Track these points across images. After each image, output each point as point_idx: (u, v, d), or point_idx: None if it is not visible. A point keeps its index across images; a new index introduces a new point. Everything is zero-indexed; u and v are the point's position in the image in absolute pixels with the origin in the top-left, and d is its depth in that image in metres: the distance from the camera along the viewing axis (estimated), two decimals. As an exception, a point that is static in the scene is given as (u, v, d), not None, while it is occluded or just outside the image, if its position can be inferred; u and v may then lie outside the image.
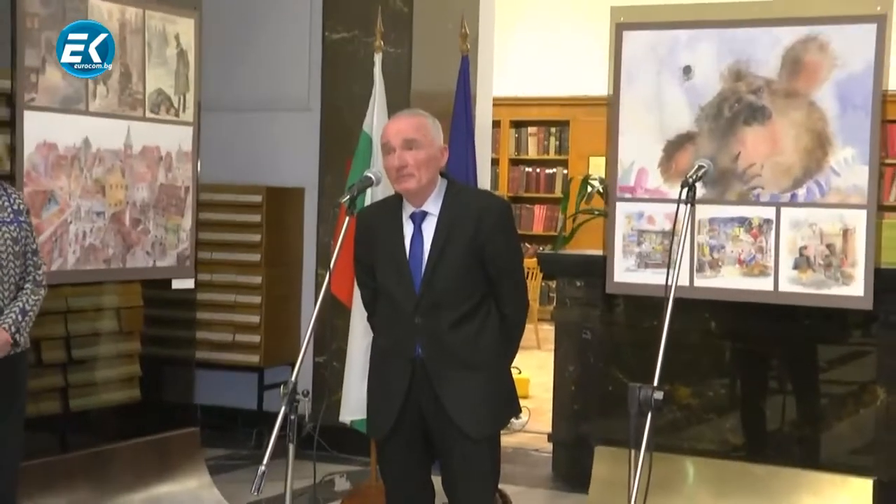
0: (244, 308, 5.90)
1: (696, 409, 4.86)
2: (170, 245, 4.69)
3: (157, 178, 4.62)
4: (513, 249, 3.22)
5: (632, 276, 4.56)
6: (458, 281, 3.08)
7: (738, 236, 4.37)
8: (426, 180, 3.10)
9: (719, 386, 4.88)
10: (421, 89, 5.66)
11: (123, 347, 4.99)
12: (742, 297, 4.40)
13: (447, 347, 3.09)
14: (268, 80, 6.14)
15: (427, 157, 3.09)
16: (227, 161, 6.07)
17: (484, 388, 3.11)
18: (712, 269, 4.41)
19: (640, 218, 4.55)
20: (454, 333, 3.08)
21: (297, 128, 6.07)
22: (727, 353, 4.88)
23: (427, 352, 3.09)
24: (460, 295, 3.09)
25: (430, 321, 3.08)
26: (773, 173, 4.35)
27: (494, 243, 3.11)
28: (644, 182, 4.56)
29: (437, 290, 3.07)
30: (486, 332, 3.12)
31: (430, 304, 3.08)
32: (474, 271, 3.11)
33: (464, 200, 3.15)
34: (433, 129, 3.16)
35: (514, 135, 11.46)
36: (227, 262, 5.91)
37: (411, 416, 3.13)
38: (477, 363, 3.11)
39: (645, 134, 4.54)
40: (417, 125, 3.12)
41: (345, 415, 4.58)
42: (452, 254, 3.08)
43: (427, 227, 3.12)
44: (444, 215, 3.11)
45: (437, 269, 3.08)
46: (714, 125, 4.43)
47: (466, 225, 3.09)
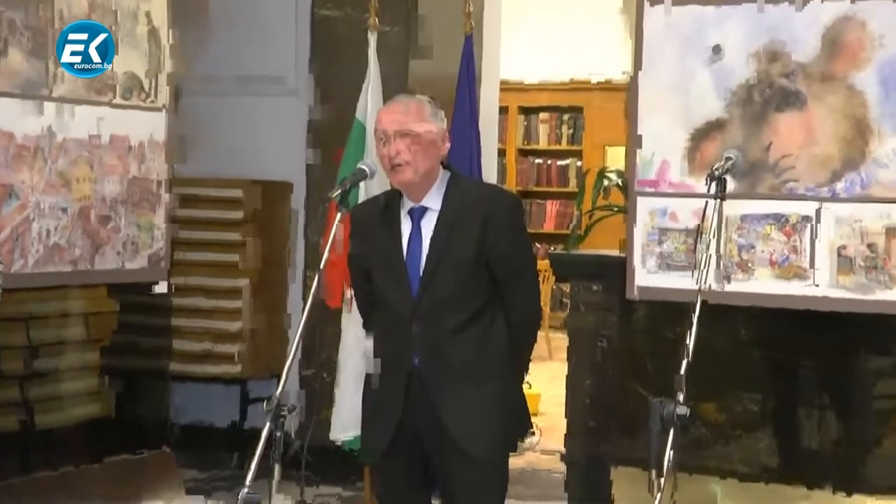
0: (224, 314, 5.90)
1: (724, 426, 4.86)
2: (142, 245, 4.70)
3: (128, 170, 4.63)
4: (524, 249, 3.23)
5: (653, 278, 4.56)
6: (460, 284, 3.09)
7: (770, 235, 4.37)
8: (424, 171, 3.10)
9: (750, 400, 4.87)
10: (420, 72, 5.66)
11: (91, 358, 4.99)
12: (775, 303, 4.39)
13: (447, 358, 3.09)
14: (250, 61, 6.13)
15: (425, 146, 3.09)
16: (205, 152, 6.06)
17: (490, 403, 3.11)
18: (742, 271, 4.41)
19: (662, 215, 4.55)
20: (455, 342, 3.08)
21: (282, 115, 6.07)
22: (759, 363, 4.88)
23: (425, 363, 3.08)
24: (463, 299, 3.09)
25: (428, 328, 3.08)
26: (808, 165, 4.34)
27: (503, 243, 3.11)
28: (667, 175, 4.55)
29: (437, 294, 3.08)
30: (491, 341, 3.12)
31: (429, 309, 3.08)
32: (479, 273, 3.11)
33: (468, 194, 3.15)
34: (433, 114, 3.16)
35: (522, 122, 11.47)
36: (205, 263, 5.91)
37: (408, 435, 3.13)
38: (481, 376, 3.11)
39: (668, 121, 4.53)
40: (415, 110, 3.12)
41: (336, 433, 4.59)
42: (455, 254, 3.08)
43: (427, 223, 3.12)
44: (445, 211, 3.11)
45: (436, 270, 3.08)
46: (744, 112, 4.43)
47: (471, 222, 3.09)
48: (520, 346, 3.23)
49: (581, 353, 5.24)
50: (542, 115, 11.43)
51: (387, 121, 3.11)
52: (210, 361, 5.91)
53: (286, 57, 6.06)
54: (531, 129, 11.51)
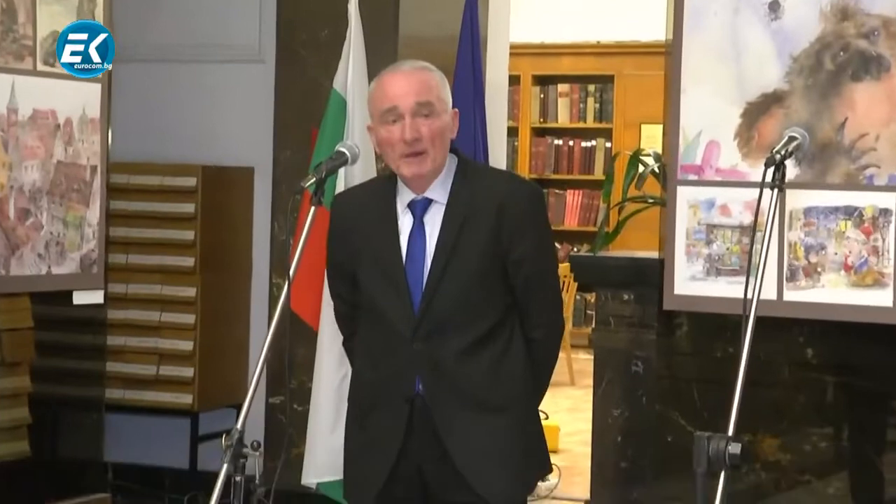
0: (172, 330, 5.91)
1: (787, 469, 4.86)
2: (70, 245, 4.69)
3: (53, 153, 4.62)
4: (546, 252, 3.24)
5: (699, 286, 4.56)
6: (472, 294, 3.09)
7: (845, 233, 4.36)
8: (441, 160, 3.11)
9: (819, 437, 4.87)
10: (412, 34, 5.66)
11: (7, 385, 4.99)
12: (850, 316, 4.39)
13: (457, 383, 3.10)
14: (205, 20, 6.14)
15: (442, 128, 3.10)
16: (150, 131, 6.06)
17: (506, 436, 3.12)
18: (808, 277, 4.41)
19: (709, 208, 4.55)
20: (466, 364, 3.10)
21: (244, 86, 6.07)
22: (829, 391, 4.87)
23: (430, 388, 3.09)
24: (475, 312, 3.10)
25: (433, 348, 3.09)
26: (892, 146, 4.34)
27: (522, 243, 3.12)
28: (715, 159, 4.56)
29: (444, 306, 3.08)
30: (508, 362, 3.13)
31: (435, 324, 3.09)
32: (494, 280, 3.11)
33: (481, 184, 3.15)
34: (445, 88, 3.17)
35: (538, 95, 11.48)
36: (149, 267, 5.91)
37: (408, 474, 3.13)
38: (497, 403, 3.12)
39: (716, 94, 4.54)
40: (435, 82, 3.13)
41: (309, 476, 4.59)
42: (465, 257, 3.09)
43: (431, 219, 3.13)
44: (454, 204, 3.11)
45: (443, 277, 3.08)
46: (811, 81, 4.43)
47: (485, 218, 3.09)
48: (541, 367, 3.24)
49: (610, 378, 5.24)
50: (562, 86, 11.44)
51: (400, 94, 3.08)
52: (155, 388, 5.91)
53: (249, 16, 6.07)
54: (548, 103, 11.51)
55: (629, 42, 10.67)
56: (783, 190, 3.16)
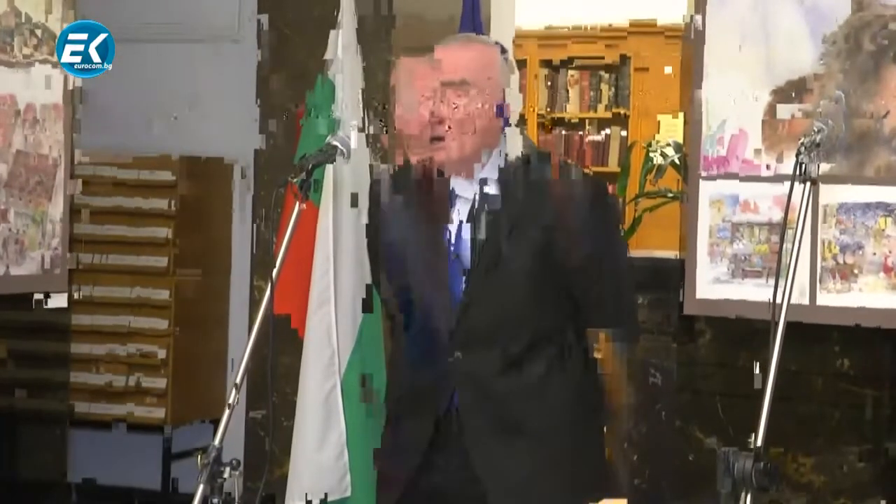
0: (144, 337, 5.91)
1: (820, 491, 4.86)
2: (31, 243, 4.69)
3: (12, 143, 4.62)
4: (617, 253, 3.24)
5: (723, 289, 4.56)
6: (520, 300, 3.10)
7: (884, 231, 4.36)
8: (473, 146, 3.08)
9: (856, 456, 4.87)
10: (410, 13, 5.66)
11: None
12: (890, 322, 4.39)
13: (498, 400, 3.10)
14: None
15: (481, 109, 3.09)
16: (120, 118, 6.06)
17: (549, 466, 3.11)
18: (844, 279, 4.41)
19: (734, 203, 4.56)
20: (509, 379, 3.10)
21: (222, 69, 6.08)
22: (867, 405, 4.88)
23: (468, 405, 3.10)
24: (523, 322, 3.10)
25: (474, 359, 3.09)
26: (937, 136, 4.35)
27: (588, 244, 3.11)
28: (741, 150, 4.56)
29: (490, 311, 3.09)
30: (558, 381, 3.12)
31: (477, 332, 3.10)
32: (548, 287, 3.11)
33: (542, 178, 3.14)
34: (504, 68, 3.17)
35: (545, 81, 11.48)
36: (118, 268, 5.92)
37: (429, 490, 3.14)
38: (541, 428, 3.12)
39: (742, 79, 4.54)
40: (482, 61, 3.12)
41: (293, 498, 4.57)
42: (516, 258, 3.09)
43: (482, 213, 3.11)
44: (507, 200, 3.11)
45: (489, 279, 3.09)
46: (848, 65, 4.43)
47: (541, 214, 3.08)
48: (612, 385, 3.28)
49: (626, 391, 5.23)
50: (573, 72, 11.44)
51: (433, 70, 3.10)
52: (125, 401, 5.92)
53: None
54: (557, 91, 11.52)
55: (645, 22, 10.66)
56: (816, 183, 3.15)
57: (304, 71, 5.42)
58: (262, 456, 5.54)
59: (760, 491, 2.74)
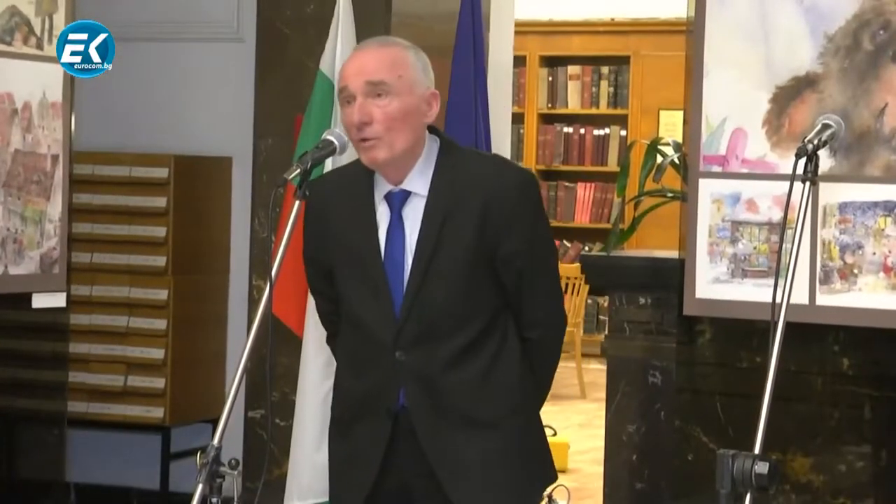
0: (142, 337, 5.91)
1: (820, 491, 4.86)
2: (29, 243, 4.69)
3: (10, 141, 4.62)
4: (542, 243, 3.24)
5: (723, 289, 4.56)
6: (458, 296, 3.10)
7: (884, 230, 4.37)
8: (402, 146, 3.10)
9: (856, 456, 4.87)
10: (407, 10, 5.67)
11: (-41, 397, 4.98)
12: (890, 322, 4.39)
13: (445, 395, 3.11)
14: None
15: (404, 110, 3.09)
16: (118, 117, 6.06)
17: (501, 453, 3.14)
18: (844, 279, 4.41)
19: (735, 203, 4.56)
20: (454, 374, 3.11)
21: (221, 67, 6.07)
22: (867, 405, 4.87)
23: (415, 402, 3.12)
24: (463, 316, 3.11)
25: (418, 357, 3.10)
26: (937, 136, 4.35)
27: (511, 238, 3.12)
28: (741, 149, 4.56)
29: (429, 310, 3.09)
30: (500, 371, 3.15)
31: (419, 331, 3.10)
32: (482, 280, 3.12)
33: (465, 173, 3.15)
34: (416, 65, 3.15)
35: (546, 77, 11.48)
36: (116, 267, 5.92)
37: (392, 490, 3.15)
38: (490, 417, 3.14)
39: (743, 77, 4.54)
40: (391, 60, 3.12)
41: (292, 497, 4.59)
42: (449, 256, 3.09)
43: (411, 213, 3.13)
44: (435, 197, 3.12)
45: (426, 278, 3.09)
46: (848, 63, 4.43)
47: (469, 211, 3.10)
48: (541, 369, 3.26)
49: (625, 391, 5.24)
50: (573, 68, 11.45)
51: (352, 73, 3.10)
52: (123, 401, 5.92)
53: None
54: (557, 87, 11.52)
55: (646, 19, 10.68)
56: (816, 183, 3.15)
57: (302, 69, 5.43)
58: (260, 456, 5.55)
59: (760, 491, 2.74)
